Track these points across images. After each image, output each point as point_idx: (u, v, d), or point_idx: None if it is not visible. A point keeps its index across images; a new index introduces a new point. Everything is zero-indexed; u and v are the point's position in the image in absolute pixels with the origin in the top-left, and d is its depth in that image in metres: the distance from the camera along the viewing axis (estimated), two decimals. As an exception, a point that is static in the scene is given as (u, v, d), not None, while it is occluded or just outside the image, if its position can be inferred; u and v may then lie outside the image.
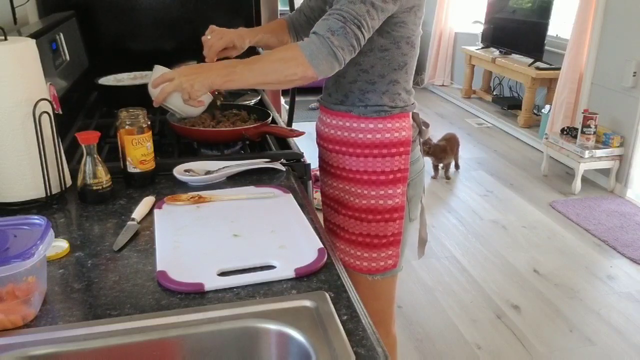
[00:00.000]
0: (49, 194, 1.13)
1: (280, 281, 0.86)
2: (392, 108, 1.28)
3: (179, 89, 1.14)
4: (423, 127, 1.38)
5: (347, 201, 1.35)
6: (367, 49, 1.22)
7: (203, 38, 1.37)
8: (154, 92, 1.20)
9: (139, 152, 1.20)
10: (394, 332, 1.53)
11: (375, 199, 1.32)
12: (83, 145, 1.13)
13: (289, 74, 1.11)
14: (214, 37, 1.36)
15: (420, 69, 6.34)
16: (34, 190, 1.12)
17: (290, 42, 1.48)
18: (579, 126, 3.61)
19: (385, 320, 1.48)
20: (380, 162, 1.29)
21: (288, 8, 2.47)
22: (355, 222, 1.35)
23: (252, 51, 1.46)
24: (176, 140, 1.50)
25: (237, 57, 1.38)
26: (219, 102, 1.45)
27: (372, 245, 1.35)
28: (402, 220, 1.34)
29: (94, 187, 1.14)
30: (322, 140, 1.39)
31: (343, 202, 1.37)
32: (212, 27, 1.38)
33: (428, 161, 3.74)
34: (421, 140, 1.40)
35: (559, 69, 4.18)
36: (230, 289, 0.84)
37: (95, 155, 1.14)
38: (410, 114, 1.32)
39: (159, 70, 1.26)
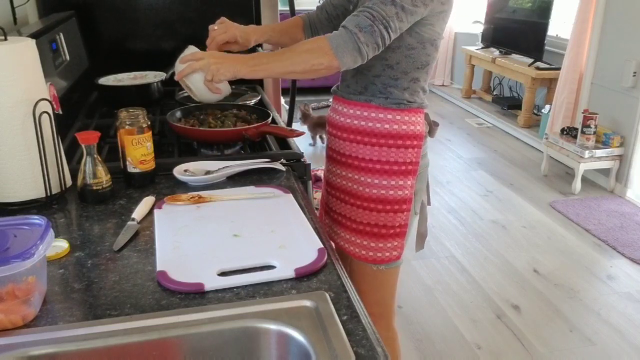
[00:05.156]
0: (49, 194, 1.13)
1: (280, 281, 0.86)
2: (410, 102, 1.33)
3: (206, 68, 1.19)
4: (433, 126, 1.44)
5: (356, 191, 1.38)
6: (395, 45, 1.27)
7: (210, 26, 1.41)
8: (179, 67, 1.25)
9: (139, 152, 1.20)
10: (394, 325, 1.56)
11: (386, 189, 1.34)
12: (83, 145, 1.13)
13: (315, 63, 1.17)
14: (219, 30, 1.39)
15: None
16: (34, 190, 1.12)
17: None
18: (579, 126, 3.61)
19: (387, 313, 1.51)
20: (395, 152, 1.33)
21: (288, 8, 2.46)
22: (364, 212, 1.37)
23: (255, 49, 1.46)
24: (176, 140, 1.50)
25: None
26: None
27: (379, 235, 1.37)
28: (409, 212, 1.38)
29: (94, 187, 1.14)
30: (335, 129, 1.41)
31: (352, 191, 1.39)
32: (222, 18, 1.42)
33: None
34: (429, 138, 1.45)
35: (559, 69, 4.18)
36: (230, 289, 0.84)
37: (95, 155, 1.14)
38: (424, 111, 1.39)
39: (192, 49, 1.32)
